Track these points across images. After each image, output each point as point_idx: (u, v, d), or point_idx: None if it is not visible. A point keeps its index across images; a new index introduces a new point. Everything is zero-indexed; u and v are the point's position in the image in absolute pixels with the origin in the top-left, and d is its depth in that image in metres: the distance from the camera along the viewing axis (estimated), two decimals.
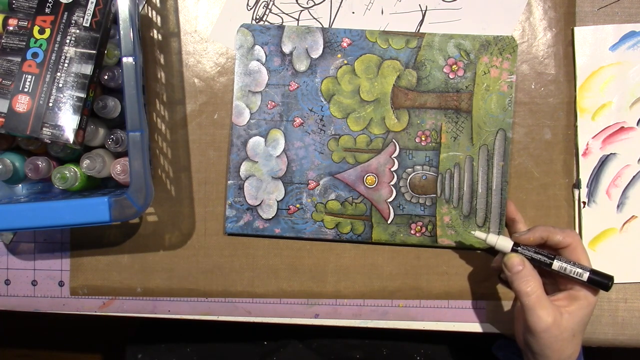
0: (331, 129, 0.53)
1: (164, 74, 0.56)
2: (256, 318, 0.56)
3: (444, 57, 0.52)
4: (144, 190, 0.47)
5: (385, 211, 0.53)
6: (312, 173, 0.53)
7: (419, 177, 0.53)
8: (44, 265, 0.57)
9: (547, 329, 0.45)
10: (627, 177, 0.54)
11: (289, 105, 0.53)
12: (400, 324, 0.56)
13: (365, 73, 0.52)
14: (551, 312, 0.45)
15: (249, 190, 0.54)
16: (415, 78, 0.52)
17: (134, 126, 0.47)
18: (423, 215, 0.53)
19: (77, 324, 1.17)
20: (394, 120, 0.52)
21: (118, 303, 0.57)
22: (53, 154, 0.52)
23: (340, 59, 0.52)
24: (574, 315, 0.46)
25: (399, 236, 0.53)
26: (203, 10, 0.56)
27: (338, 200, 0.53)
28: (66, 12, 0.48)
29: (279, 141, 0.53)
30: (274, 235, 0.54)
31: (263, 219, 0.54)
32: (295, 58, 0.53)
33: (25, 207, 0.48)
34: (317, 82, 0.53)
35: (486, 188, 0.53)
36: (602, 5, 0.54)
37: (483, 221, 0.53)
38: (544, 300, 0.46)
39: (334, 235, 0.53)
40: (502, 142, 0.52)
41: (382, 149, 0.53)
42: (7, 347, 1.22)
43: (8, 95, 0.47)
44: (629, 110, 0.54)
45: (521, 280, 0.46)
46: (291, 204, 0.53)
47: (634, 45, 0.54)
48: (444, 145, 0.52)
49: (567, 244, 0.47)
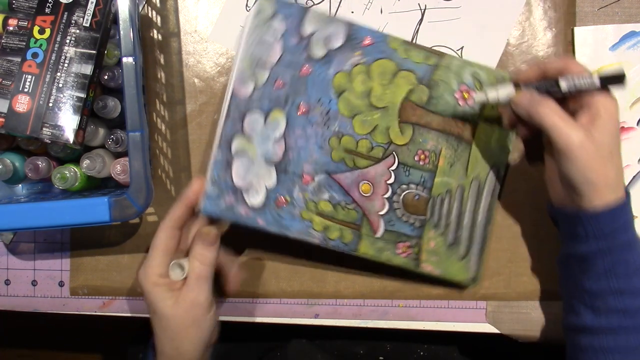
0: (335, 126, 0.50)
1: (164, 74, 0.56)
2: (256, 318, 0.56)
3: (458, 82, 0.50)
4: (144, 190, 0.47)
5: (376, 224, 0.51)
6: (309, 166, 0.50)
7: (413, 196, 0.51)
8: (44, 265, 0.57)
9: (581, 144, 0.41)
10: (627, 177, 0.54)
11: (296, 90, 0.49)
12: (400, 324, 0.56)
13: (379, 78, 0.50)
14: (580, 127, 0.42)
15: (237, 168, 0.49)
16: (427, 96, 0.50)
17: (134, 126, 0.47)
18: (411, 235, 0.51)
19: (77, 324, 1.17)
20: (398, 132, 0.51)
21: (118, 303, 0.57)
22: (53, 154, 0.52)
23: (358, 56, 0.50)
24: (603, 129, 0.42)
25: (385, 253, 0.51)
26: (203, 10, 0.56)
27: (331, 202, 0.50)
28: (66, 12, 0.48)
29: (279, 124, 0.49)
30: (256, 227, 0.50)
31: (248, 205, 0.49)
32: (313, 42, 0.49)
33: (25, 207, 0.48)
34: (330, 74, 0.50)
35: (471, 221, 0.52)
36: (602, 5, 0.54)
37: (464, 254, 0.52)
38: (568, 118, 0.42)
39: (321, 239, 0.50)
40: (493, 179, 0.52)
41: (381, 158, 0.50)
42: (7, 347, 1.22)
43: (8, 95, 0.47)
44: (629, 110, 0.54)
45: (537, 105, 0.43)
46: (282, 195, 0.49)
47: (634, 46, 0.54)
48: (440, 169, 0.51)
49: (563, 66, 0.44)
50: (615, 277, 0.43)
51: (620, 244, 0.43)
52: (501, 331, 0.55)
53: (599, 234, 0.43)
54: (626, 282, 0.43)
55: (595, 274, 0.44)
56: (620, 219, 0.43)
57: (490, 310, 0.55)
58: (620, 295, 0.43)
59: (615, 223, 0.43)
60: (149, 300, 0.45)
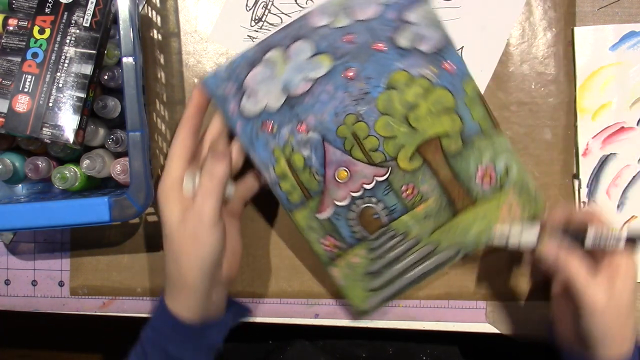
0: (363, 109, 0.48)
1: (164, 74, 0.56)
2: (256, 318, 0.56)
3: (490, 160, 0.49)
4: (144, 190, 0.47)
5: (325, 207, 0.50)
6: (312, 120, 0.48)
7: (373, 213, 0.50)
8: (44, 265, 0.57)
9: (605, 305, 0.42)
10: (627, 177, 0.54)
11: (358, 55, 0.47)
12: (400, 324, 0.56)
13: (432, 103, 0.48)
14: (603, 288, 0.42)
15: (257, 73, 0.47)
16: (456, 150, 0.49)
17: (134, 126, 0.47)
18: (345, 239, 0.50)
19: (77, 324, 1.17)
20: (407, 156, 0.49)
21: (118, 303, 0.57)
22: (53, 154, 0.52)
23: (430, 71, 0.48)
24: (624, 288, 0.43)
25: (312, 234, 0.50)
26: (203, 10, 0.56)
27: (305, 161, 0.48)
28: (66, 12, 0.48)
29: (320, 69, 0.47)
30: (230, 128, 0.48)
31: (239, 106, 0.47)
32: (404, 30, 0.47)
33: (25, 207, 0.48)
34: (395, 66, 0.48)
35: (402, 271, 0.51)
36: (602, 5, 0.54)
37: (374, 289, 0.52)
38: (592, 278, 0.43)
39: (273, 181, 0.49)
40: (448, 255, 0.51)
41: (376, 164, 0.49)
42: (7, 347, 1.22)
43: (8, 95, 0.47)
44: (629, 110, 0.54)
45: (564, 260, 0.44)
46: (272, 122, 0.48)
47: (634, 45, 0.54)
48: (414, 212, 0.50)
49: (589, 218, 0.45)
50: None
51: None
52: (501, 331, 0.55)
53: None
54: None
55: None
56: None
57: (490, 310, 0.55)
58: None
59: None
60: (161, 211, 0.45)
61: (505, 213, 0.50)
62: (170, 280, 0.46)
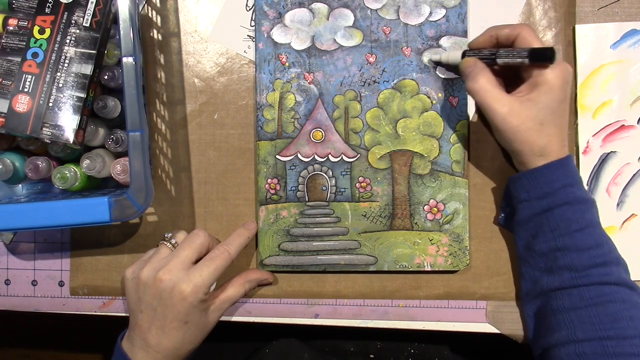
0: (365, 92, 0.53)
1: (164, 74, 0.56)
2: (256, 318, 0.56)
3: (443, 198, 0.53)
4: (144, 190, 0.47)
5: (288, 153, 0.53)
6: (320, 76, 0.53)
7: (323, 185, 0.53)
8: (44, 265, 0.57)
9: (503, 119, 0.45)
10: (627, 176, 0.54)
11: (385, 48, 0.53)
12: (400, 324, 0.56)
13: (425, 124, 0.52)
14: (505, 103, 0.45)
15: (299, 12, 0.53)
16: (422, 175, 0.53)
17: (134, 126, 0.47)
18: (286, 190, 0.53)
19: (77, 324, 1.17)
20: (377, 156, 0.53)
21: (118, 303, 0.57)
22: (53, 154, 0.52)
23: (438, 98, 0.52)
24: (536, 101, 0.45)
25: (263, 168, 0.53)
26: (203, 10, 0.56)
27: (295, 103, 0.53)
28: (66, 12, 0.48)
29: (350, 41, 0.52)
30: (254, 41, 0.54)
31: (270, 30, 0.53)
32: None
33: (25, 207, 0.48)
34: (410, 75, 0.53)
35: (316, 251, 0.54)
36: (602, 5, 0.54)
37: (285, 250, 0.54)
38: (495, 94, 0.45)
39: (261, 103, 0.53)
40: (363, 263, 0.53)
41: (349, 145, 0.53)
42: (7, 347, 1.22)
43: (8, 95, 0.47)
44: (630, 108, 0.54)
45: (471, 79, 0.46)
46: (288, 58, 0.53)
47: (635, 44, 0.54)
48: (356, 205, 0.53)
49: (516, 34, 0.47)
50: (560, 236, 0.46)
51: (560, 203, 0.46)
52: (501, 331, 0.55)
53: (541, 194, 0.47)
54: (570, 239, 0.46)
55: (544, 235, 0.47)
56: (557, 180, 0.46)
57: (490, 310, 0.55)
58: (566, 252, 0.46)
59: (555, 183, 0.46)
60: (185, 309, 0.47)
61: (432, 252, 0.53)
62: (146, 346, 0.48)
